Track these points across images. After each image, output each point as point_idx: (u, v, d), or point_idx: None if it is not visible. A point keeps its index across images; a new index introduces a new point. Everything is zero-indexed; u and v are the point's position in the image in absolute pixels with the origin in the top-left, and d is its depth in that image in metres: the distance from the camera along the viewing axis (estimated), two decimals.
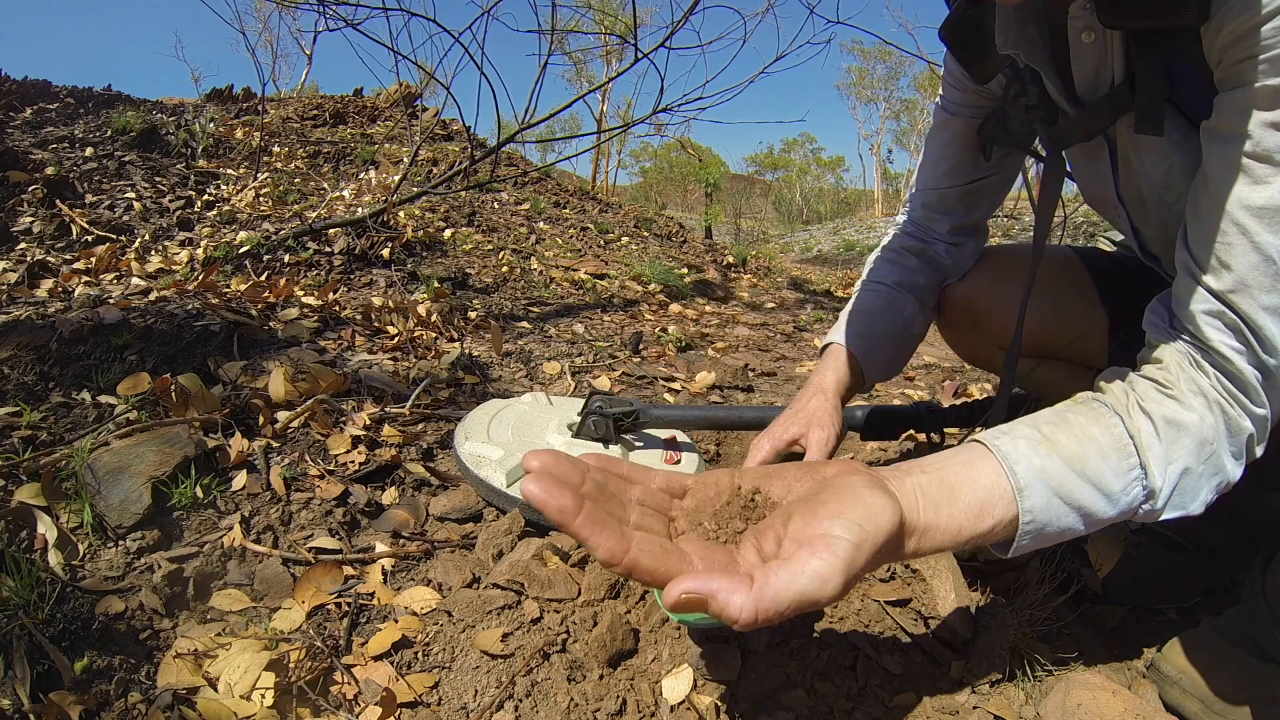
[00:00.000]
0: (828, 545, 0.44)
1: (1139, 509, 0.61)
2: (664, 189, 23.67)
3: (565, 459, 0.48)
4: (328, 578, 1.02)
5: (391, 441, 1.40)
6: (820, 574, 0.43)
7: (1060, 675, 0.89)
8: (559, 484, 0.44)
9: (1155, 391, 0.62)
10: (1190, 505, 0.62)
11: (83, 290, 2.11)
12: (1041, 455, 0.58)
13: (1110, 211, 0.91)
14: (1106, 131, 0.81)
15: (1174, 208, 0.77)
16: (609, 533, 0.44)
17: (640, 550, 0.44)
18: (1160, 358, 0.64)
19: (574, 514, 0.43)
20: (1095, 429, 0.60)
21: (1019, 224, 9.52)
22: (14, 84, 4.27)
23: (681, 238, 5.52)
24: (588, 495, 0.46)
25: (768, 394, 2.24)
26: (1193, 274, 0.63)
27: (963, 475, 0.57)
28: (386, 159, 4.48)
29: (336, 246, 2.73)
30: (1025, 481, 0.57)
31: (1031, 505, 0.57)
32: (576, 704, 0.81)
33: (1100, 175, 0.86)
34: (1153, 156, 0.76)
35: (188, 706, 0.80)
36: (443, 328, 2.20)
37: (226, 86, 5.55)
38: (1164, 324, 0.67)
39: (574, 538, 0.44)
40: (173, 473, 1.13)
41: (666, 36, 2.89)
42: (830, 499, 0.49)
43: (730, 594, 0.41)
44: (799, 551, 0.44)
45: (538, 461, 0.46)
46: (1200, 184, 0.63)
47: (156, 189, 3.28)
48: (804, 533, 0.46)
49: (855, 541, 0.45)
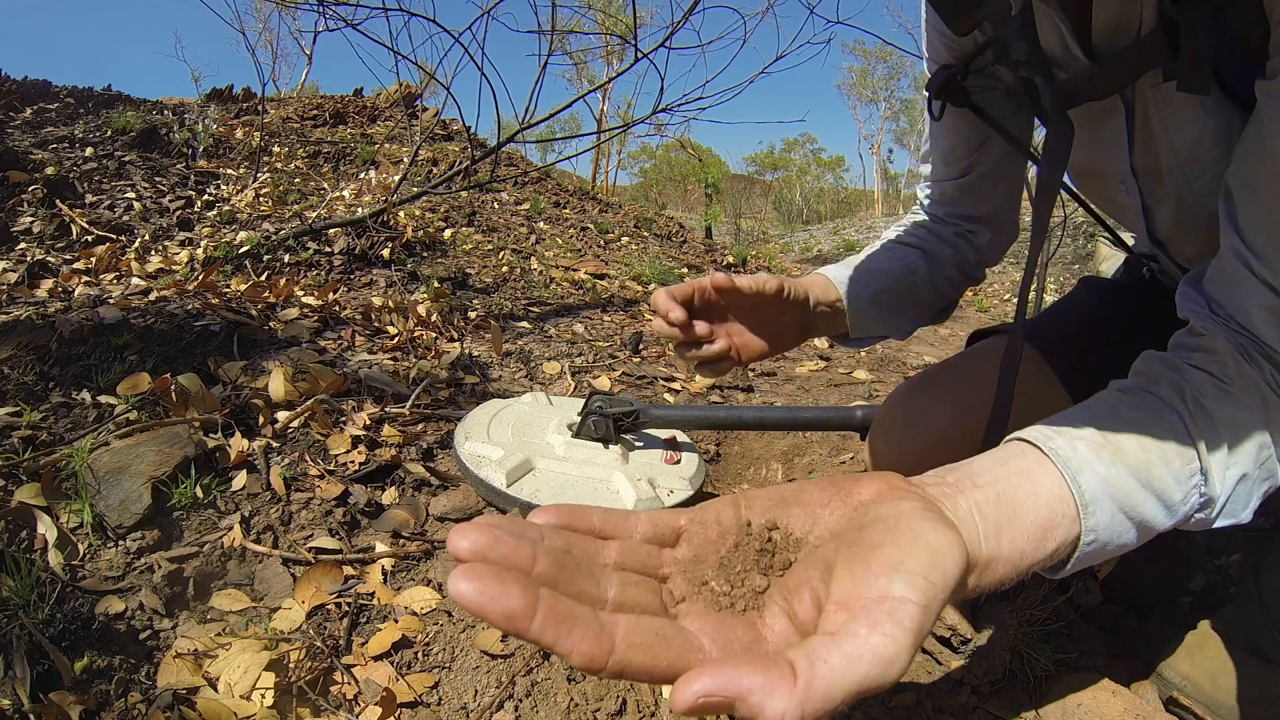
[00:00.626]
0: (890, 614, 0.33)
1: (1192, 518, 0.54)
2: (664, 189, 23.69)
3: (504, 529, 0.33)
4: (328, 578, 1.02)
5: (391, 441, 1.40)
6: (884, 655, 0.31)
7: (1060, 675, 0.89)
8: (499, 576, 0.30)
9: (1212, 386, 0.54)
10: (1241, 514, 0.55)
11: (83, 290, 2.11)
12: (1105, 462, 0.49)
13: (1113, 189, 0.80)
14: (1123, 91, 0.69)
15: (1194, 184, 0.68)
16: (581, 630, 0.31)
17: (629, 644, 0.32)
18: (1210, 346, 0.56)
19: (528, 617, 0.30)
20: (1157, 428, 0.52)
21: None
22: (14, 84, 4.27)
23: (681, 238, 5.52)
24: (544, 577, 0.32)
25: (768, 394, 2.24)
26: (1246, 263, 0.55)
27: (1022, 490, 0.47)
28: (386, 159, 4.48)
29: (336, 246, 2.73)
30: (1090, 495, 0.48)
31: (1096, 523, 0.48)
32: (576, 704, 0.81)
33: (1109, 144, 0.75)
34: (1183, 121, 0.65)
35: (188, 706, 0.80)
36: (443, 328, 2.20)
37: (226, 86, 5.55)
38: (1203, 309, 0.59)
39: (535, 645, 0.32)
40: (173, 473, 1.13)
41: (666, 36, 2.89)
42: (882, 541, 0.36)
43: (767, 695, 0.29)
44: (852, 624, 0.32)
45: (467, 541, 0.31)
46: (1256, 159, 0.54)
47: (156, 189, 3.28)
48: (855, 594, 0.34)
49: (923, 604, 0.34)
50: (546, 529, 0.36)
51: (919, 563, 0.35)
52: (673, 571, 0.39)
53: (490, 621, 0.30)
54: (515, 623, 0.30)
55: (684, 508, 0.42)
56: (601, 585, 0.35)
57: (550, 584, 0.32)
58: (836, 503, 0.41)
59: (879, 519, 0.38)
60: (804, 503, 0.42)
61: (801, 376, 2.48)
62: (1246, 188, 0.56)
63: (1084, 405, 0.55)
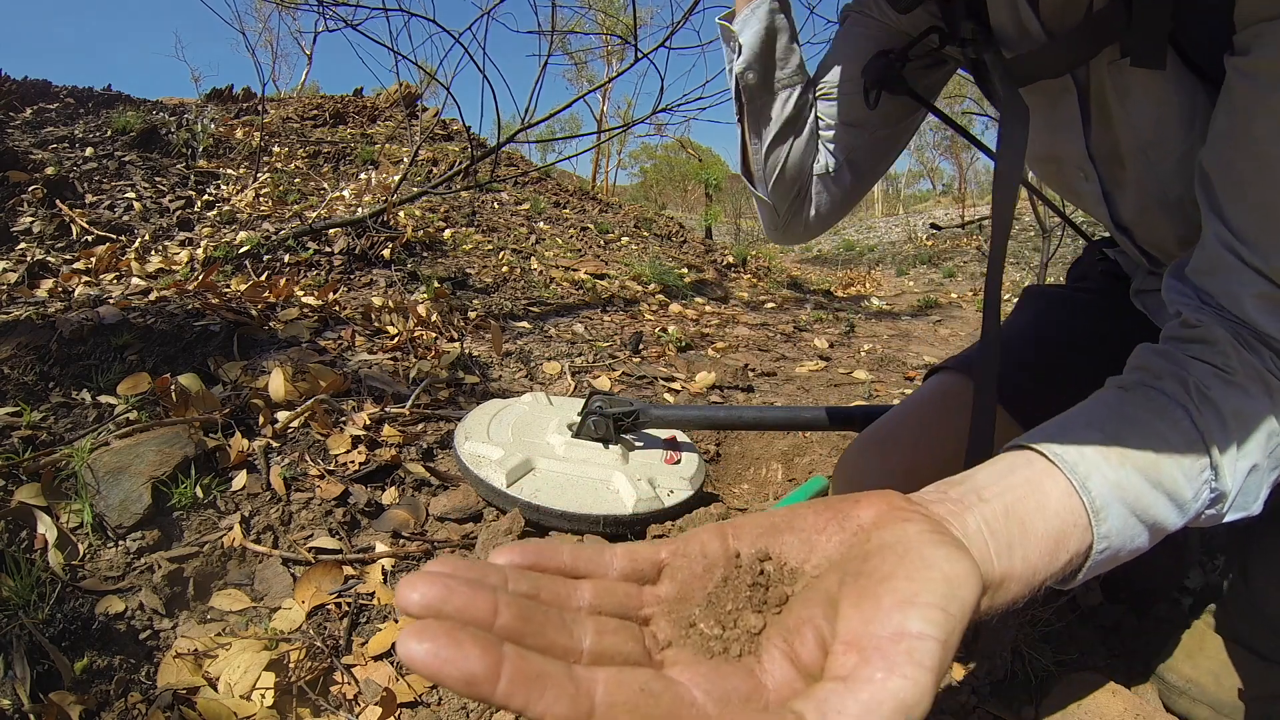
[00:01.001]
0: (909, 654, 0.29)
1: (1204, 515, 0.52)
2: (664, 189, 23.70)
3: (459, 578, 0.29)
4: (328, 578, 1.02)
5: (391, 441, 1.40)
6: (906, 700, 0.28)
7: (1060, 675, 0.89)
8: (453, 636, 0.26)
9: (1214, 377, 0.52)
10: (1252, 505, 0.53)
11: (83, 290, 2.11)
12: (1113, 465, 0.46)
13: (1070, 175, 0.76)
14: (1075, 73, 0.66)
15: (1159, 167, 0.65)
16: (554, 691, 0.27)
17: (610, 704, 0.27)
18: (1207, 337, 0.54)
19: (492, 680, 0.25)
20: (1162, 425, 0.50)
21: (1018, 224, 9.51)
22: (14, 84, 4.27)
23: (681, 238, 5.52)
24: (509, 630, 0.28)
25: (768, 394, 2.24)
26: (1234, 251, 0.52)
27: (1030, 502, 0.44)
28: (386, 159, 4.49)
29: (336, 246, 2.73)
30: (1101, 501, 0.45)
31: (1108, 530, 0.46)
32: None
33: (1064, 127, 0.71)
34: (1143, 100, 0.62)
35: (188, 706, 0.80)
36: (443, 328, 2.20)
37: (226, 86, 5.55)
38: (1193, 300, 0.56)
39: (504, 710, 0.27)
40: (173, 473, 1.13)
41: (666, 36, 2.90)
42: (892, 573, 0.33)
43: None
44: (865, 667, 0.29)
45: (416, 594, 0.27)
46: (1233, 142, 0.52)
47: (156, 189, 3.28)
48: (866, 633, 0.30)
49: (943, 639, 0.30)
50: (510, 570, 0.32)
51: (935, 594, 0.32)
52: (655, 612, 0.35)
53: (449, 686, 0.25)
54: (477, 687, 0.26)
55: (664, 539, 0.38)
56: (575, 635, 0.31)
57: (516, 638, 0.28)
58: (834, 528, 0.37)
59: (885, 546, 0.35)
60: (797, 529, 0.38)
61: (801, 376, 2.48)
62: (1227, 173, 0.53)
63: (1084, 406, 0.53)
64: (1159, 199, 0.68)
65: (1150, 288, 0.82)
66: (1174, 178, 0.64)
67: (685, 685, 0.30)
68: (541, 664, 0.27)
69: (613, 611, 0.33)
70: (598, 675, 0.28)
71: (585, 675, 0.28)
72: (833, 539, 0.37)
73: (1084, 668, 0.92)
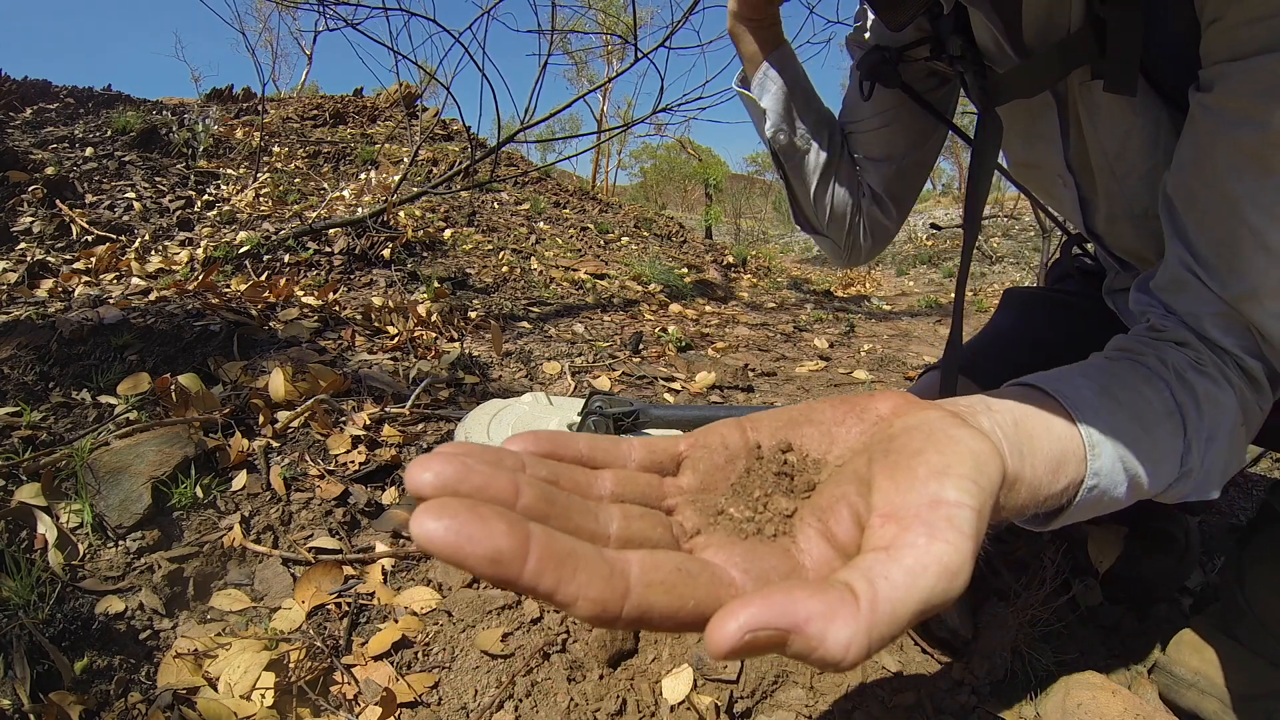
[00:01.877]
0: (949, 520, 0.29)
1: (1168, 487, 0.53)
2: (664, 189, 23.69)
3: (480, 456, 0.27)
4: (328, 578, 1.02)
5: (391, 441, 1.40)
6: (950, 565, 0.27)
7: (1060, 675, 0.89)
8: (477, 511, 0.24)
9: (1188, 364, 0.54)
10: (1212, 489, 0.55)
11: (83, 290, 2.11)
12: (1108, 410, 0.48)
13: (1048, 183, 0.79)
14: (1055, 88, 0.69)
15: (1124, 181, 0.68)
16: (587, 572, 0.25)
17: (647, 584, 0.26)
18: (1177, 338, 0.57)
19: (519, 559, 0.23)
20: (1147, 390, 0.52)
21: (1018, 224, 9.51)
22: (14, 84, 4.27)
23: (681, 238, 5.52)
24: (532, 511, 0.26)
25: (768, 394, 2.24)
26: (1195, 273, 0.56)
27: (1036, 421, 0.44)
28: (386, 159, 4.49)
29: (336, 246, 2.73)
30: (1096, 438, 0.46)
31: (1099, 467, 0.46)
32: (576, 704, 0.81)
33: (1043, 139, 0.74)
34: (1110, 120, 0.65)
35: (188, 706, 0.81)
36: (443, 328, 2.20)
37: (226, 86, 5.55)
38: (1160, 309, 0.60)
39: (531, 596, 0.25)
40: (173, 473, 1.13)
41: (666, 36, 2.89)
42: (923, 447, 0.32)
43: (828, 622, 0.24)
44: (906, 534, 0.28)
45: (430, 474, 0.25)
46: (1197, 174, 0.55)
47: (156, 189, 3.28)
48: (904, 503, 0.30)
49: (978, 509, 0.30)
50: (526, 457, 0.30)
51: (967, 466, 0.32)
52: (680, 502, 0.34)
53: (471, 568, 0.23)
54: (503, 567, 0.23)
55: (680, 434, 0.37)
56: (600, 520, 0.29)
57: (540, 519, 0.26)
58: (853, 419, 0.37)
59: (910, 428, 0.34)
60: (816, 421, 0.38)
61: (801, 376, 2.48)
62: (1189, 203, 0.56)
63: (1077, 364, 0.54)
64: (1125, 211, 0.71)
65: (1121, 286, 0.84)
66: (1139, 193, 0.68)
67: (721, 566, 0.29)
68: (572, 544, 0.25)
69: (636, 500, 0.32)
70: (630, 557, 0.27)
71: (617, 557, 0.26)
72: (853, 430, 0.37)
73: (1084, 668, 0.92)
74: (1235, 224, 0.52)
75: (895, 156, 0.93)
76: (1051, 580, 0.95)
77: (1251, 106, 0.49)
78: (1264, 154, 0.49)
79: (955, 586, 0.27)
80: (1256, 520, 0.89)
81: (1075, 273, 1.01)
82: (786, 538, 0.32)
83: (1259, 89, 0.48)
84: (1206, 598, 1.13)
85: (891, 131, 0.91)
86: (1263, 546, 0.85)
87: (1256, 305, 0.53)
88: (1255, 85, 0.49)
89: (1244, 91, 0.49)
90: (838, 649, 0.24)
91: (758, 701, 0.83)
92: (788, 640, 0.24)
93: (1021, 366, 0.95)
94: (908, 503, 0.30)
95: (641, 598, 0.26)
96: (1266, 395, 0.58)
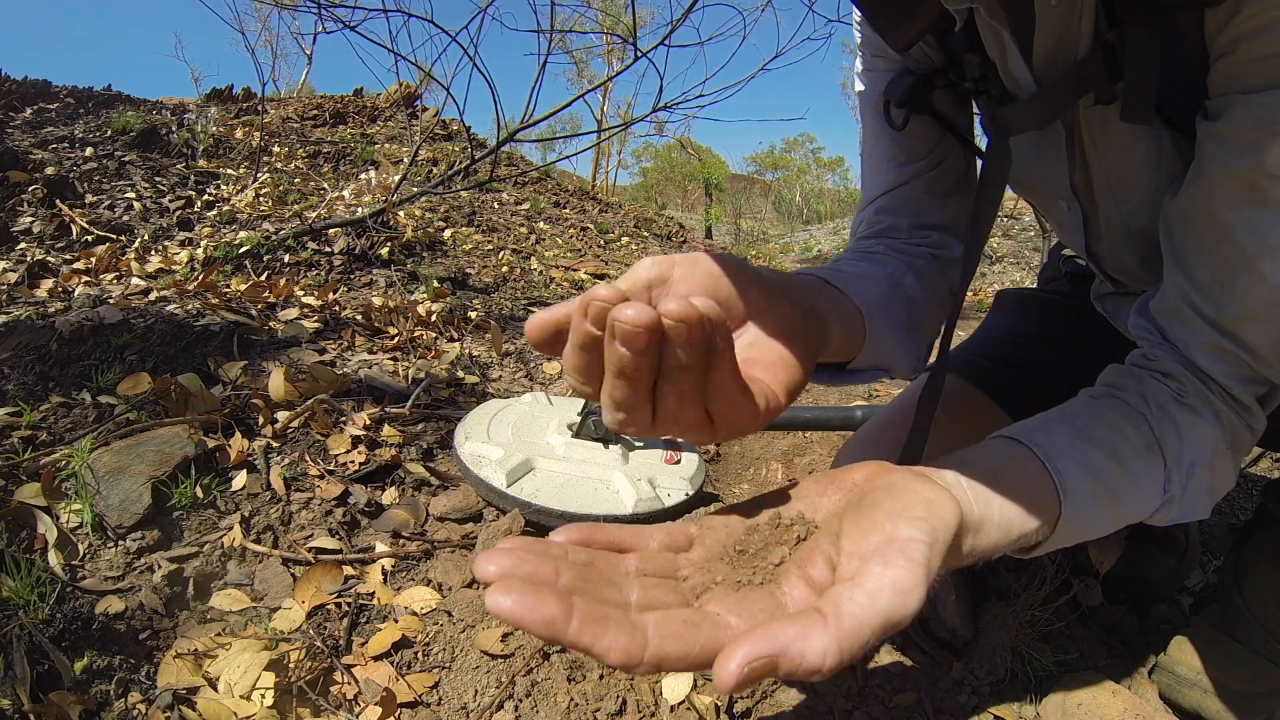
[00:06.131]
0: (901, 551, 0.35)
1: (1154, 513, 0.58)
2: (664, 189, 23.68)
3: (529, 549, 0.36)
4: (328, 578, 1.02)
5: (391, 441, 1.40)
6: (902, 586, 0.34)
7: (1060, 675, 0.89)
8: (533, 588, 0.32)
9: (1170, 397, 0.58)
10: (1200, 510, 0.59)
11: (83, 290, 2.11)
12: (1081, 451, 0.53)
13: (1051, 204, 0.79)
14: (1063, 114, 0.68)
15: (1124, 205, 0.69)
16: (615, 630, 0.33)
17: (661, 636, 0.33)
18: (1166, 369, 0.61)
19: (565, 621, 0.32)
20: (1127, 427, 0.56)
21: (1018, 224, 9.51)
22: (14, 84, 4.27)
23: (681, 238, 5.52)
24: (572, 588, 0.35)
25: None
26: (1188, 299, 0.58)
27: (1008, 472, 0.50)
28: (386, 159, 4.48)
29: (336, 246, 2.73)
30: (1070, 480, 0.51)
31: (1074, 507, 0.51)
32: (576, 704, 0.81)
33: (1051, 161, 0.73)
34: (1115, 143, 0.65)
35: (188, 706, 0.81)
36: (443, 328, 2.20)
37: (226, 86, 5.54)
38: (1155, 335, 0.63)
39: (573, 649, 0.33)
40: (173, 473, 1.13)
41: (666, 35, 2.89)
42: (882, 500, 0.39)
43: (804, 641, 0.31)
44: (866, 566, 0.35)
45: (494, 566, 0.34)
46: (1197, 201, 0.56)
47: (156, 189, 3.28)
48: (865, 543, 0.37)
49: (928, 541, 0.37)
50: (568, 546, 0.39)
51: (920, 510, 0.38)
52: (690, 571, 0.41)
53: (531, 630, 0.32)
54: (554, 628, 0.32)
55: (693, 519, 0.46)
56: (625, 591, 0.38)
57: (577, 594, 0.34)
58: (832, 490, 0.45)
59: (877, 488, 0.41)
60: (802, 496, 0.45)
61: None
62: (1188, 228, 0.58)
63: (1060, 407, 0.59)
64: (1122, 230, 0.72)
65: (1107, 291, 0.86)
66: (1138, 216, 0.69)
67: (720, 614, 0.36)
68: (603, 609, 0.34)
69: (655, 574, 0.40)
70: (648, 617, 0.35)
71: (638, 618, 0.34)
72: (832, 497, 0.44)
73: (1084, 668, 0.92)
74: (1229, 251, 0.54)
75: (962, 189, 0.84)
76: (1051, 580, 0.95)
77: (1251, 138, 0.50)
78: (1259, 184, 0.51)
79: (910, 603, 0.34)
80: (1252, 522, 0.89)
81: (1064, 276, 1.03)
82: (773, 584, 0.39)
83: (1259, 122, 0.50)
84: (1206, 598, 1.13)
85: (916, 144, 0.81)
86: (1258, 549, 0.85)
87: (1249, 326, 0.56)
88: (1257, 119, 0.50)
89: (1246, 123, 0.51)
90: (815, 658, 0.31)
91: (757, 702, 0.83)
92: (778, 664, 0.31)
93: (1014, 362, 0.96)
94: (869, 542, 0.37)
95: (658, 647, 0.33)
96: (1258, 417, 0.60)
